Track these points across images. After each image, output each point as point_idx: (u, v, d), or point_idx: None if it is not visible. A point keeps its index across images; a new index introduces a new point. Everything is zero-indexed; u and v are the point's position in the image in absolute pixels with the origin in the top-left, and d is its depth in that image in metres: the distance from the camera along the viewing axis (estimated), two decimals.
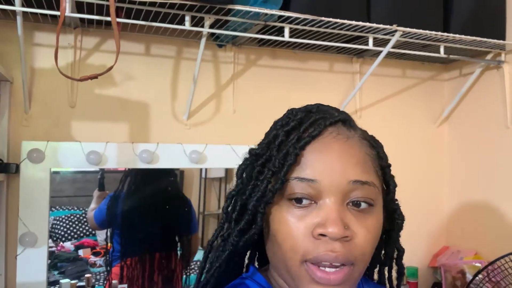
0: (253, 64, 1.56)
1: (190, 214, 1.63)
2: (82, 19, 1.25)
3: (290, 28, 1.29)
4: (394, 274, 0.64)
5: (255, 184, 0.54)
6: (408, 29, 1.33)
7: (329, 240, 0.49)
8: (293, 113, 0.58)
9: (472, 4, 1.46)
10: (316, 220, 0.50)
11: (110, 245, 1.50)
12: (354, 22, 1.28)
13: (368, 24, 1.30)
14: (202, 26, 1.22)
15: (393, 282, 0.65)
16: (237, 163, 0.60)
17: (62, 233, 1.54)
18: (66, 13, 1.04)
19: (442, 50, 1.50)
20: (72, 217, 1.56)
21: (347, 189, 0.51)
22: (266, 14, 1.21)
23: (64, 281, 1.39)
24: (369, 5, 1.34)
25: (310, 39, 1.40)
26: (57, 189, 1.40)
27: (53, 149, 1.23)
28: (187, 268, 1.58)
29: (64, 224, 1.55)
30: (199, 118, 1.48)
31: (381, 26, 1.31)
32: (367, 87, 1.69)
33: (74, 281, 1.39)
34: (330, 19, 1.25)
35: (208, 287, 0.59)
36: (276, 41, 1.44)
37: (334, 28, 1.32)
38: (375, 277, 0.66)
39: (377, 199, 0.53)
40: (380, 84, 1.74)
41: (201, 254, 1.67)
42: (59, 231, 1.54)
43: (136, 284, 1.48)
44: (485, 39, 1.45)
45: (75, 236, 1.56)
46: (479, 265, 1.57)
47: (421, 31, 1.35)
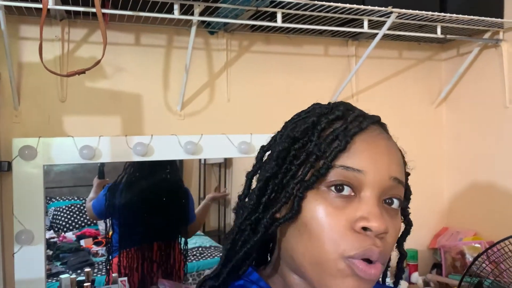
0: (246, 51, 1.53)
1: (187, 204, 1.62)
2: (68, 11, 1.21)
3: (283, 13, 1.26)
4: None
5: (292, 167, 0.53)
6: (403, 10, 1.30)
7: (371, 234, 0.48)
8: (330, 105, 0.57)
9: None
10: (358, 213, 0.49)
11: (110, 233, 1.49)
12: (348, 5, 1.24)
13: (362, 6, 1.26)
14: (192, 14, 1.19)
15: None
16: (261, 145, 0.60)
17: (64, 223, 1.54)
18: (49, 5, 1.00)
19: (439, 30, 1.47)
20: (72, 207, 1.56)
21: (387, 185, 0.51)
22: (257, 0, 1.18)
23: (64, 276, 1.39)
24: None
25: (304, 23, 1.36)
26: (57, 179, 1.39)
27: (45, 145, 1.21)
28: (185, 257, 1.58)
29: (65, 215, 1.55)
30: (193, 108, 1.45)
31: (376, 8, 1.27)
32: (363, 69, 1.66)
33: (73, 276, 1.39)
34: (323, 3, 1.21)
35: (239, 271, 0.56)
36: (269, 26, 1.41)
37: (327, 12, 1.28)
38: None
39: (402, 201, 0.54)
40: (377, 67, 1.71)
41: (196, 240, 1.67)
42: (61, 222, 1.53)
43: (135, 274, 1.48)
44: (482, 18, 1.41)
45: (77, 226, 1.56)
46: (478, 246, 1.57)
47: (417, 11, 1.32)
